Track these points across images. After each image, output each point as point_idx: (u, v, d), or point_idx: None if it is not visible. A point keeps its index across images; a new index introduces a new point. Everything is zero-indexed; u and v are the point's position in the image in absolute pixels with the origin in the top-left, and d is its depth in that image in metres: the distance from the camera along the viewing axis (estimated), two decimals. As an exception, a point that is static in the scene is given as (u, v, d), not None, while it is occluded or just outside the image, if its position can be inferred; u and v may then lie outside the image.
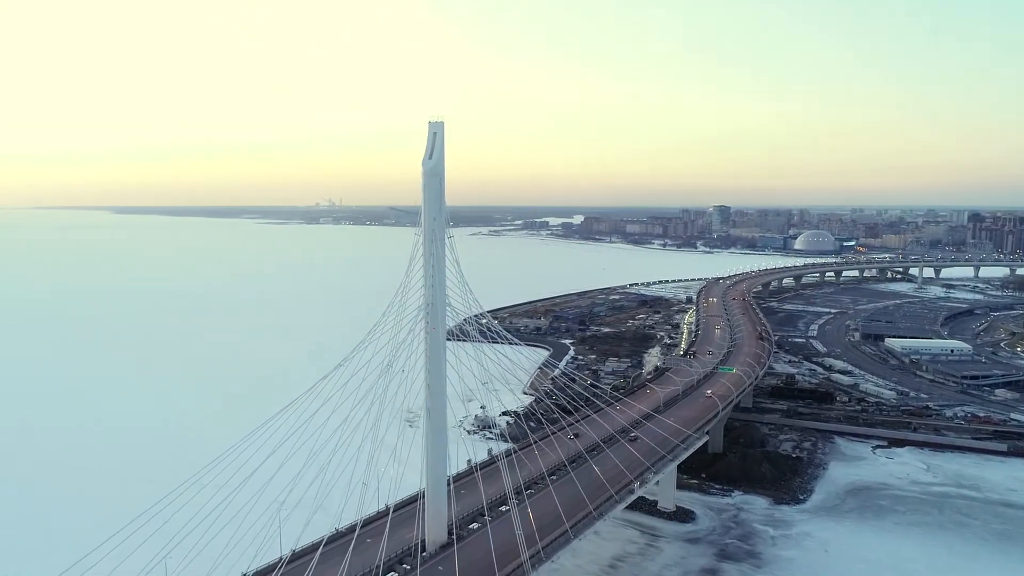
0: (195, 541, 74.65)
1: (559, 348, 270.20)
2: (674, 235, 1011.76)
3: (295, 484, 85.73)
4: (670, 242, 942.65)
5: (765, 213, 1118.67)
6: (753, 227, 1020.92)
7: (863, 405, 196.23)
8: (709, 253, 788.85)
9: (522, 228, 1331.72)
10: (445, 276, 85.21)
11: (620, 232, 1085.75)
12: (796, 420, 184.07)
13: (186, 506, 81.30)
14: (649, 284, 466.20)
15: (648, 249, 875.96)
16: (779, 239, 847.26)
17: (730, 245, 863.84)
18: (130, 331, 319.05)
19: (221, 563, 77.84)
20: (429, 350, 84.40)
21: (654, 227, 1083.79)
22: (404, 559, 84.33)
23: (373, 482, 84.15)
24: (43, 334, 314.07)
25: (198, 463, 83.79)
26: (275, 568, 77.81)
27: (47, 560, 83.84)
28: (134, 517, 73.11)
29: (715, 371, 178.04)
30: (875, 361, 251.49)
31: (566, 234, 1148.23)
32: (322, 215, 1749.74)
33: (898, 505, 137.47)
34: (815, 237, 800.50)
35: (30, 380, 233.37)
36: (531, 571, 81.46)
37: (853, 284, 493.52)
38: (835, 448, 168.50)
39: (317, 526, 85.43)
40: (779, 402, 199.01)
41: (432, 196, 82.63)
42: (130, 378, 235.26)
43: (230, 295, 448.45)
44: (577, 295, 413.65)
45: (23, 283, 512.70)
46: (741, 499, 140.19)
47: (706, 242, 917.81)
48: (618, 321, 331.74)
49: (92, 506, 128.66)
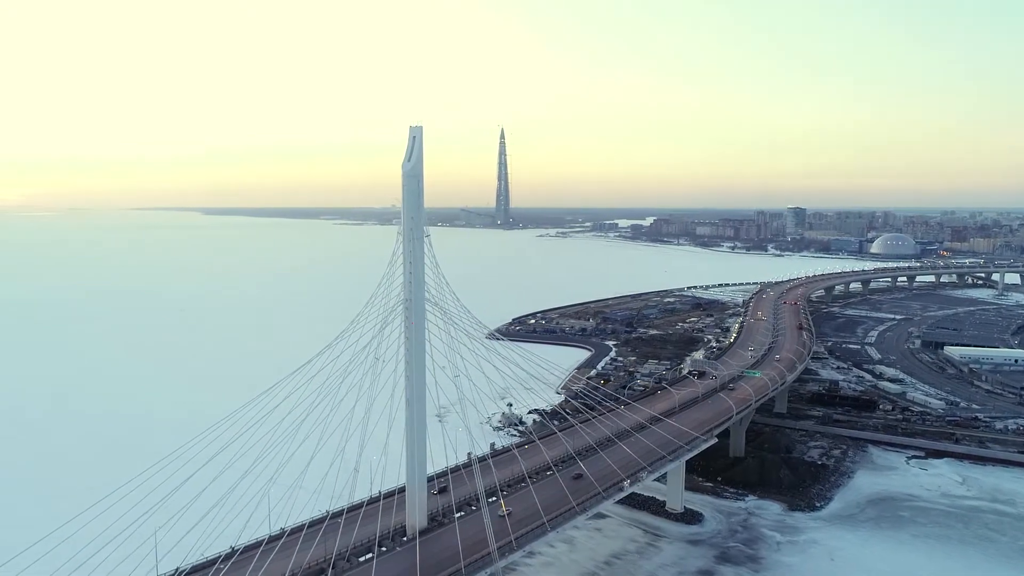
0: (187, 512, 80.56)
1: (601, 349, 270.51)
2: (746, 237, 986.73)
3: (307, 467, 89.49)
4: (740, 245, 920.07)
5: (845, 215, 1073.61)
6: (831, 230, 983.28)
7: (906, 414, 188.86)
8: (779, 256, 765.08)
9: (591, 230, 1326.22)
10: (424, 272, 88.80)
11: (690, 234, 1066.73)
12: (830, 427, 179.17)
13: (198, 472, 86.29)
14: (708, 287, 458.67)
15: (716, 252, 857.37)
16: (854, 242, 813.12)
17: (803, 248, 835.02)
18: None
19: (211, 535, 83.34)
20: (409, 343, 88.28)
21: (725, 229, 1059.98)
22: (383, 542, 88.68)
23: (373, 470, 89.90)
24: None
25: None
26: (262, 544, 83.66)
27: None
28: (124, 482, 79.50)
29: (741, 375, 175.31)
30: (931, 370, 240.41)
31: (634, 236, 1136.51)
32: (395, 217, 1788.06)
33: (920, 517, 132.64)
34: (893, 240, 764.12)
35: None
36: (498, 559, 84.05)
37: (928, 290, 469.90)
38: (866, 457, 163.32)
39: (318, 506, 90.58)
40: (817, 408, 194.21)
41: (411, 197, 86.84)
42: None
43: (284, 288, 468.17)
44: (631, 297, 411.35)
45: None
46: (754, 504, 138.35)
47: (777, 245, 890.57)
48: (667, 324, 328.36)
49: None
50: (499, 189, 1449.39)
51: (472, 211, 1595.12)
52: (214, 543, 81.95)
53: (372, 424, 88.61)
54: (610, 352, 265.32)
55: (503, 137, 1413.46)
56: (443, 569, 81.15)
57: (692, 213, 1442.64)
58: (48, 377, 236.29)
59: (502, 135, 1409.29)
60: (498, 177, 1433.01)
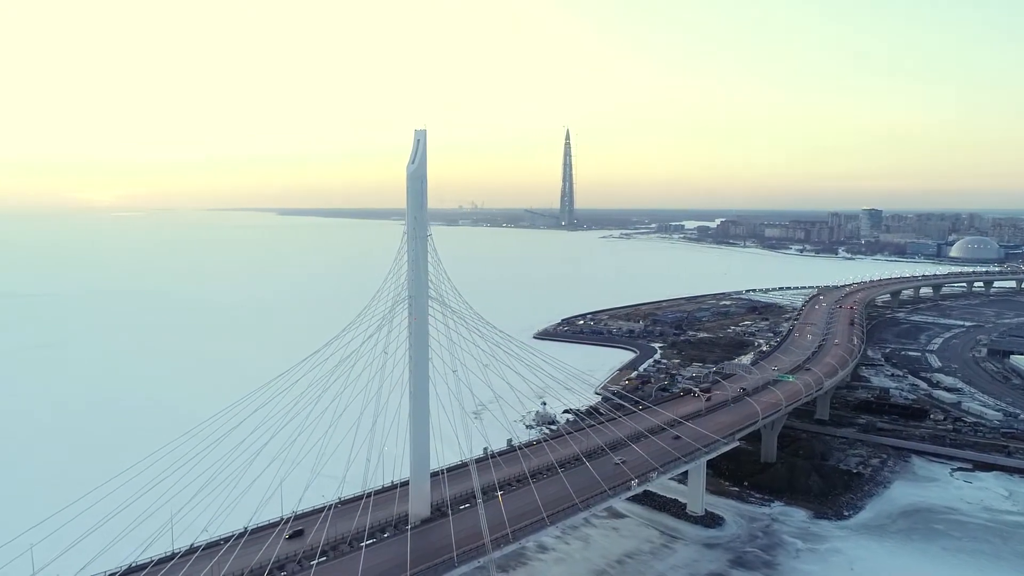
0: (206, 491, 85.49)
1: (646, 351, 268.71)
2: (816, 240, 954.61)
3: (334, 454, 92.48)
4: (809, 247, 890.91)
5: (927, 217, 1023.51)
6: (909, 232, 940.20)
7: (957, 425, 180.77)
8: (849, 259, 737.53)
9: (655, 231, 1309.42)
10: (428, 270, 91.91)
11: (757, 236, 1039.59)
12: (872, 436, 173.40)
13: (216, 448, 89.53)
14: (768, 291, 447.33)
15: (783, 254, 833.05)
16: (932, 245, 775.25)
17: (877, 251, 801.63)
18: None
19: (227, 514, 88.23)
20: (412, 338, 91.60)
21: (795, 231, 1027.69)
22: (386, 528, 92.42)
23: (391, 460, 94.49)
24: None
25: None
26: (278, 524, 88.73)
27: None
28: (139, 459, 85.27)
29: (775, 380, 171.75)
30: (994, 380, 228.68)
31: (699, 238, 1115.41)
32: (461, 217, 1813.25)
33: (955, 530, 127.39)
34: (975, 244, 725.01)
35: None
36: (490, 550, 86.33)
37: (1007, 296, 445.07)
38: (908, 467, 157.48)
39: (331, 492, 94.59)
40: (863, 416, 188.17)
41: (415, 197, 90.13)
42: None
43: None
44: (685, 300, 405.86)
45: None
46: (780, 510, 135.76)
47: (849, 248, 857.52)
48: (719, 327, 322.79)
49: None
50: (563, 190, 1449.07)
51: (536, 212, 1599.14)
52: (226, 522, 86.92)
53: (389, 417, 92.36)
54: (654, 354, 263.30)
55: (568, 138, 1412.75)
56: (437, 556, 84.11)
57: (762, 215, 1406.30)
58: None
59: (567, 136, 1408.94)
60: (563, 178, 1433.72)
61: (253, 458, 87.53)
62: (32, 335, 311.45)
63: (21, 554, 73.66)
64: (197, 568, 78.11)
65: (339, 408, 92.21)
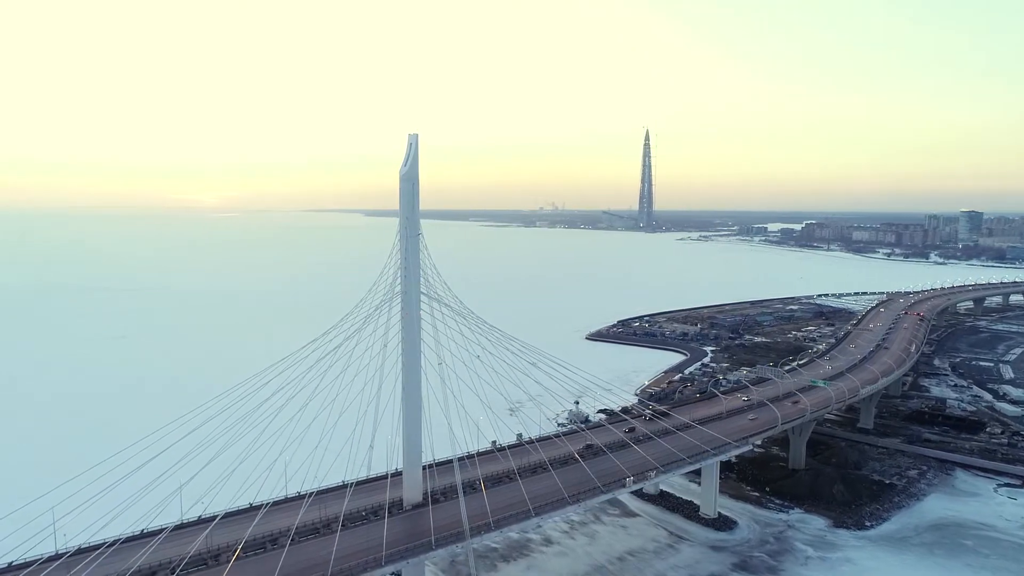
0: (212, 467, 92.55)
1: (696, 354, 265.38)
2: (908, 244, 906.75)
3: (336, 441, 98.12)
4: (898, 251, 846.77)
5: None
6: (1014, 236, 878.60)
7: (1014, 439, 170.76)
8: (941, 264, 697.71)
9: (736, 234, 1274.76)
10: (419, 268, 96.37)
11: (844, 239, 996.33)
12: (916, 447, 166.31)
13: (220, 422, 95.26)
14: (841, 296, 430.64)
15: (869, 258, 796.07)
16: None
17: (973, 256, 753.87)
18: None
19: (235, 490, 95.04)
20: (404, 333, 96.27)
21: (886, 235, 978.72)
22: (379, 511, 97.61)
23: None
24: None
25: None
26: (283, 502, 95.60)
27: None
28: (148, 433, 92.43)
29: (808, 386, 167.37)
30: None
31: (781, 240, 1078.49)
32: (539, 219, 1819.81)
33: (985, 547, 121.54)
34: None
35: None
36: (469, 537, 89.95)
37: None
38: (948, 480, 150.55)
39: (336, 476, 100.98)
40: (912, 427, 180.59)
41: (407, 199, 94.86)
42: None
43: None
44: (750, 303, 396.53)
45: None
46: (798, 517, 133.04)
47: (942, 252, 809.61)
48: (780, 332, 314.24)
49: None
50: (642, 191, 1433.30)
51: (613, 213, 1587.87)
52: (236, 498, 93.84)
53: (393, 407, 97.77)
54: (704, 357, 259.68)
55: (648, 139, 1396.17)
56: (425, 536, 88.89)
57: (851, 217, 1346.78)
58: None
59: (647, 137, 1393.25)
60: (642, 179, 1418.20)
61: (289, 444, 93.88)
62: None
63: (42, 513, 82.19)
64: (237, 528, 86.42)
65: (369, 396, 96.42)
